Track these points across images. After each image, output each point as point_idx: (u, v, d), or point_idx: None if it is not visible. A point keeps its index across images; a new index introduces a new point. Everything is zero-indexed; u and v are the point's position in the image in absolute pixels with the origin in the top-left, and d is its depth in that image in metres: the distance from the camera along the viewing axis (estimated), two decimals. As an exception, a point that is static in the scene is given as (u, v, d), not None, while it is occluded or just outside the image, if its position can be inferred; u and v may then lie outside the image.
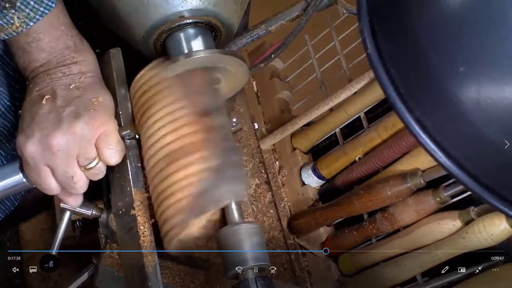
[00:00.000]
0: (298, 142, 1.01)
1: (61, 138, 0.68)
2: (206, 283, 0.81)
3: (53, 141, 0.68)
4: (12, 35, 0.70)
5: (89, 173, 0.71)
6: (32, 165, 0.70)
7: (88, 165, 0.70)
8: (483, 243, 0.78)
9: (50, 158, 0.69)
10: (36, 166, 0.70)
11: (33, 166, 0.70)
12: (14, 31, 0.69)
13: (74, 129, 0.69)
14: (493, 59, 0.54)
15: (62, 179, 0.71)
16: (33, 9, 0.68)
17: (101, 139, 0.70)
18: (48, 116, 0.70)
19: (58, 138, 0.68)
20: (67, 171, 0.70)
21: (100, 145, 0.70)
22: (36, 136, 0.69)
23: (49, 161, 0.69)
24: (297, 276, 0.94)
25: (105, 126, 0.70)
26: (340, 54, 1.00)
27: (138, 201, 0.70)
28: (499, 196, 0.54)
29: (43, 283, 1.06)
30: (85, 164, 0.70)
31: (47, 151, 0.69)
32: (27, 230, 1.08)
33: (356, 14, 0.57)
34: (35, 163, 0.70)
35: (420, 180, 0.83)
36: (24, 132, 0.70)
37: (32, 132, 0.69)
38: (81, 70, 0.73)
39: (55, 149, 0.68)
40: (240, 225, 0.73)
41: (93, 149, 0.70)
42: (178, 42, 0.77)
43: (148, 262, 0.67)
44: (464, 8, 0.55)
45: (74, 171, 0.70)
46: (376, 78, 0.55)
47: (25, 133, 0.70)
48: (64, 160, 0.69)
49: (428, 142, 0.54)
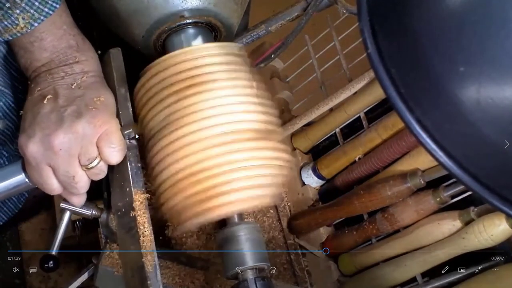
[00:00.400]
0: (298, 142, 1.01)
1: (63, 137, 0.68)
2: (206, 283, 0.81)
3: (55, 141, 0.68)
4: (16, 35, 0.70)
5: (90, 172, 0.71)
6: (33, 165, 0.70)
7: (90, 164, 0.70)
8: (483, 243, 0.78)
9: (52, 158, 0.69)
10: (37, 166, 0.70)
11: (35, 166, 0.70)
12: (19, 32, 0.69)
13: (76, 129, 0.69)
14: (493, 59, 0.54)
15: (64, 179, 0.71)
16: (37, 10, 0.68)
17: (103, 138, 0.70)
18: (49, 115, 0.70)
19: (60, 138, 0.68)
20: (69, 170, 0.70)
21: (101, 144, 0.70)
22: (37, 135, 0.69)
23: (51, 161, 0.69)
24: (297, 276, 0.94)
25: (106, 125, 0.70)
26: (340, 54, 1.00)
27: (138, 201, 0.70)
28: (499, 196, 0.54)
29: (43, 283, 1.06)
30: (87, 163, 0.70)
31: (48, 151, 0.69)
32: (27, 230, 1.08)
33: (356, 14, 0.57)
34: (36, 163, 0.70)
35: (420, 180, 0.83)
36: (25, 132, 0.70)
37: (33, 131, 0.69)
38: (83, 70, 0.73)
39: (56, 149, 0.68)
40: (239, 225, 0.73)
41: (94, 148, 0.70)
42: (178, 42, 0.77)
43: (148, 262, 0.67)
44: (464, 8, 0.55)
45: (75, 171, 0.70)
46: (377, 78, 0.55)
47: (27, 133, 0.70)
48: (65, 160, 0.69)
49: (429, 141, 0.54)
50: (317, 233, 0.96)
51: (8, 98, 0.81)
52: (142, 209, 0.70)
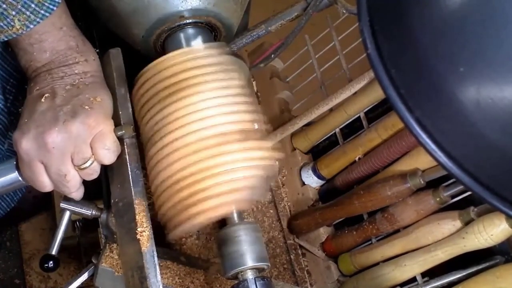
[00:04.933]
0: (298, 142, 1.01)
1: (56, 136, 0.68)
2: (206, 283, 0.81)
3: (48, 139, 0.68)
4: (12, 37, 0.69)
5: (83, 172, 0.71)
6: (26, 161, 0.70)
7: (83, 164, 0.70)
8: (483, 243, 0.78)
9: (45, 155, 0.69)
10: (30, 162, 0.70)
11: (27, 162, 0.70)
12: (14, 33, 0.69)
13: (70, 128, 0.69)
14: (493, 60, 0.54)
15: (55, 177, 0.71)
16: (34, 12, 0.68)
17: (97, 138, 0.70)
18: (45, 114, 0.70)
19: (53, 136, 0.68)
20: (61, 169, 0.70)
21: (95, 145, 0.70)
22: (32, 132, 0.69)
23: (43, 158, 0.70)
24: (297, 276, 0.94)
25: (101, 126, 0.70)
26: (340, 54, 1.00)
27: (137, 201, 0.70)
28: (499, 196, 0.54)
29: (43, 283, 1.06)
30: (80, 163, 0.70)
31: (42, 148, 0.69)
32: (27, 230, 1.08)
33: (356, 14, 0.57)
34: (29, 159, 0.70)
35: (420, 180, 0.83)
36: (20, 129, 0.70)
37: (28, 128, 0.70)
38: (82, 70, 0.73)
39: (50, 146, 0.68)
40: (239, 225, 0.73)
41: (88, 148, 0.70)
42: (178, 42, 0.77)
43: (148, 262, 0.67)
44: (464, 9, 0.55)
45: (67, 170, 0.70)
46: (376, 78, 0.55)
47: (22, 129, 0.70)
48: (58, 158, 0.69)
49: (428, 142, 0.54)
50: (317, 233, 0.96)
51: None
52: (142, 209, 0.70)
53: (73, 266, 1.04)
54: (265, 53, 0.82)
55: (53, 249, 0.78)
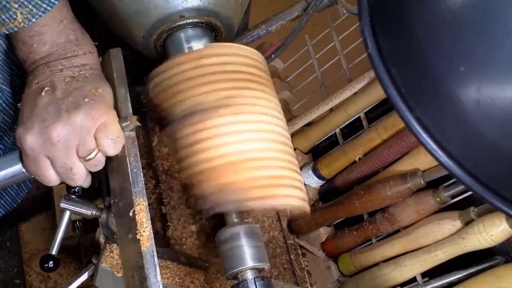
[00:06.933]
0: (298, 142, 1.01)
1: (61, 129, 0.68)
2: (206, 283, 0.81)
3: (53, 132, 0.68)
4: (13, 30, 0.69)
5: (88, 164, 0.71)
6: (31, 156, 0.70)
7: (88, 156, 0.70)
8: (483, 244, 0.78)
9: (50, 149, 0.69)
10: (36, 157, 0.70)
11: (33, 157, 0.70)
12: (16, 26, 0.69)
13: (74, 120, 0.69)
14: (494, 59, 0.54)
15: (61, 170, 0.71)
16: (36, 5, 0.68)
17: (101, 129, 0.70)
18: (47, 107, 0.70)
19: (58, 129, 0.68)
20: (67, 162, 0.70)
21: (99, 135, 0.70)
22: (36, 127, 0.69)
23: (49, 152, 0.69)
24: (297, 276, 0.94)
25: (104, 116, 0.70)
26: (340, 54, 1.00)
27: (138, 201, 0.70)
28: (499, 196, 0.54)
29: (43, 283, 1.06)
30: (85, 155, 0.70)
31: (47, 142, 0.69)
32: (27, 230, 1.08)
33: (356, 14, 0.57)
34: (35, 154, 0.70)
35: (420, 180, 0.83)
36: (23, 124, 0.70)
37: (31, 123, 0.69)
38: (81, 63, 0.73)
39: (55, 140, 0.68)
40: (239, 225, 0.73)
41: (92, 140, 0.70)
42: (178, 42, 0.77)
43: (148, 262, 0.67)
44: (464, 8, 0.55)
45: (73, 162, 0.70)
46: (377, 77, 0.55)
47: (25, 125, 0.70)
48: (64, 151, 0.69)
49: (429, 141, 0.54)
50: (317, 233, 0.96)
51: (6, 94, 0.81)
52: (142, 209, 0.70)
53: (73, 266, 1.04)
54: (265, 53, 0.82)
55: (53, 249, 0.77)
